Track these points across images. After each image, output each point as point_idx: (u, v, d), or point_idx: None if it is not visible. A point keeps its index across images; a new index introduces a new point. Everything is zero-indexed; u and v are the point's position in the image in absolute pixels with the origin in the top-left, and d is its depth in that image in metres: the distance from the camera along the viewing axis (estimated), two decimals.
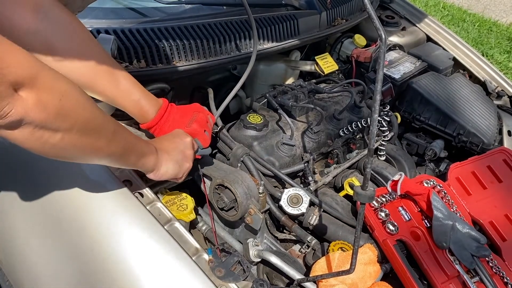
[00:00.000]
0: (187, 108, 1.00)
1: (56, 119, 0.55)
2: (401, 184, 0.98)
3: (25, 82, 0.50)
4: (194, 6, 1.35)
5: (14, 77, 0.48)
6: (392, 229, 0.94)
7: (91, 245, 0.81)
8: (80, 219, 0.83)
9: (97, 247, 0.80)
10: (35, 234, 0.88)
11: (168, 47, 1.12)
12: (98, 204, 0.83)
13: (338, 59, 1.71)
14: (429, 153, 1.42)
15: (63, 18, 0.78)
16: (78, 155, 0.65)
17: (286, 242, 1.10)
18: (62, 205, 0.85)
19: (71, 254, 0.82)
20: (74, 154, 0.64)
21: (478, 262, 0.92)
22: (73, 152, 0.63)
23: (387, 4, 2.04)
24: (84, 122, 0.61)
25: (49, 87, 0.54)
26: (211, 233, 1.02)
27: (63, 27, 0.77)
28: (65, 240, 0.84)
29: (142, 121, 0.94)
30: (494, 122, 1.49)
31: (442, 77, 1.61)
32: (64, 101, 0.56)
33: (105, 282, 0.78)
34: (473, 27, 4.64)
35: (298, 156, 1.16)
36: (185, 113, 0.98)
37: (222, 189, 0.95)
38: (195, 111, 1.00)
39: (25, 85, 0.50)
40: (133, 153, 0.75)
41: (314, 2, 1.56)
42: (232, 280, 0.79)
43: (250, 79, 1.54)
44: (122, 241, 0.79)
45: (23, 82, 0.50)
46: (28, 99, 0.50)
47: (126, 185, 0.85)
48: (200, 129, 0.96)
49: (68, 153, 0.63)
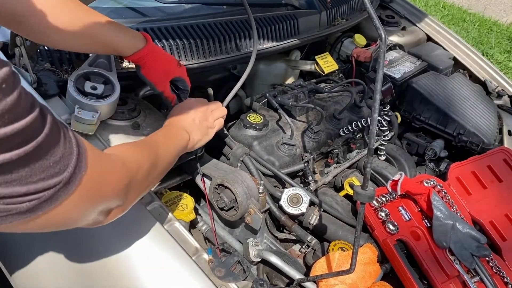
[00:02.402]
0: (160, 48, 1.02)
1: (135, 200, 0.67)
2: (401, 183, 0.98)
3: (116, 206, 0.60)
4: (194, 6, 1.35)
5: (108, 206, 0.58)
6: (392, 229, 0.94)
7: (90, 245, 0.81)
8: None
9: (96, 247, 0.80)
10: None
11: (168, 47, 1.12)
12: None
13: (338, 59, 1.71)
14: (429, 153, 1.42)
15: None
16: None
17: (286, 242, 1.10)
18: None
19: (70, 254, 0.82)
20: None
21: (478, 262, 0.92)
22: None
23: (387, 4, 2.03)
24: (150, 177, 0.70)
25: (132, 194, 0.63)
26: (211, 233, 1.02)
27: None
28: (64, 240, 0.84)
29: (134, 50, 0.92)
30: (494, 122, 1.49)
31: (442, 77, 1.60)
32: (140, 186, 0.67)
33: (104, 282, 0.78)
34: (473, 26, 4.64)
35: (298, 155, 1.16)
36: (161, 49, 1.01)
37: (222, 189, 0.95)
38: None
39: (116, 207, 0.60)
40: (180, 148, 0.85)
41: (314, 2, 1.56)
42: (232, 280, 0.79)
43: (250, 79, 1.54)
44: (121, 241, 0.79)
45: (114, 207, 0.59)
46: (112, 216, 0.61)
47: None
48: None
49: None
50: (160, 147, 0.77)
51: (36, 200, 0.41)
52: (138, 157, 0.67)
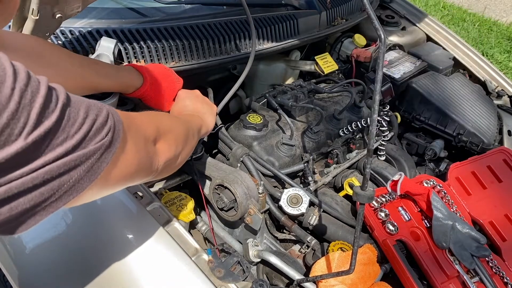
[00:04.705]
0: (156, 67, 1.02)
1: (176, 150, 0.68)
2: (401, 184, 0.98)
3: (156, 136, 0.62)
4: (194, 6, 1.35)
5: (151, 134, 0.60)
6: (392, 229, 0.94)
7: (90, 245, 0.81)
8: (79, 219, 0.83)
9: (96, 247, 0.80)
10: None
11: (168, 47, 1.12)
12: (97, 204, 0.83)
13: (338, 59, 1.71)
14: (429, 153, 1.42)
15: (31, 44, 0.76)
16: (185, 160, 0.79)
17: (286, 242, 1.10)
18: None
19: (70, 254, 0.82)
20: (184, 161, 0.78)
21: (478, 262, 0.92)
22: (184, 160, 0.77)
23: (387, 4, 2.03)
24: (184, 136, 0.73)
25: (164, 132, 0.65)
26: (211, 233, 1.02)
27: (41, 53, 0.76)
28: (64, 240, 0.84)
29: (134, 89, 0.94)
30: (494, 122, 1.49)
31: (442, 77, 1.60)
32: (174, 134, 0.69)
33: (104, 282, 0.78)
34: (473, 26, 4.64)
35: (298, 156, 1.16)
36: (158, 69, 1.01)
37: (222, 189, 0.95)
38: (161, 70, 1.02)
39: (157, 138, 0.62)
40: (197, 130, 0.86)
41: (314, 2, 1.56)
42: (232, 280, 0.79)
43: (250, 79, 1.54)
44: (121, 241, 0.79)
45: (155, 136, 0.61)
46: (161, 148, 0.63)
47: None
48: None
49: (181, 165, 0.76)
50: (188, 121, 0.81)
51: (110, 132, 0.44)
52: (171, 123, 0.72)
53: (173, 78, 1.02)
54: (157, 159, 0.61)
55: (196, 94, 1.01)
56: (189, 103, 0.98)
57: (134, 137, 0.53)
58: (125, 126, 0.49)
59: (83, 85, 0.83)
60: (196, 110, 0.96)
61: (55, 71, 0.77)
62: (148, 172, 0.60)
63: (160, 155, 0.62)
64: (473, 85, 1.65)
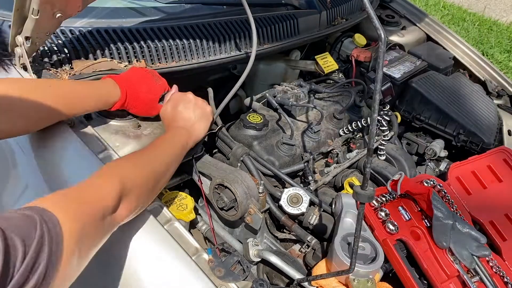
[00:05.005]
0: (133, 73, 0.98)
1: (139, 198, 0.73)
2: (401, 183, 0.98)
3: (116, 202, 0.66)
4: (194, 5, 1.35)
5: (110, 205, 0.65)
6: (392, 229, 0.94)
7: None
8: None
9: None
10: None
11: (168, 47, 1.12)
12: None
13: (338, 59, 1.71)
14: (429, 153, 1.42)
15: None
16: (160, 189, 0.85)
17: (286, 241, 1.10)
18: None
19: None
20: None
21: (478, 262, 0.92)
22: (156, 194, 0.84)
23: (387, 4, 2.03)
24: (152, 183, 0.78)
25: (126, 192, 0.69)
26: (211, 233, 1.02)
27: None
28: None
29: (113, 104, 0.92)
30: (494, 122, 1.49)
31: (442, 77, 1.60)
32: (137, 190, 0.73)
33: (104, 282, 0.78)
34: (473, 26, 4.64)
35: (298, 155, 1.16)
36: (135, 75, 0.97)
37: (222, 188, 0.95)
38: (138, 72, 0.99)
39: (117, 204, 0.66)
40: (181, 148, 0.90)
41: (314, 2, 1.56)
42: (232, 280, 0.78)
43: (250, 79, 1.54)
44: (121, 241, 0.79)
45: (116, 203, 0.66)
46: (121, 211, 0.68)
47: None
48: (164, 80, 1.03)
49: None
50: (155, 151, 0.83)
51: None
52: (135, 171, 0.75)
53: (153, 80, 0.98)
54: (117, 222, 0.68)
55: (189, 98, 0.98)
56: (181, 109, 0.96)
57: (84, 229, 0.57)
58: (71, 221, 0.53)
59: (63, 112, 0.82)
60: (186, 119, 0.95)
61: (25, 116, 0.76)
62: (109, 234, 0.67)
63: (122, 216, 0.69)
64: (473, 85, 1.65)
